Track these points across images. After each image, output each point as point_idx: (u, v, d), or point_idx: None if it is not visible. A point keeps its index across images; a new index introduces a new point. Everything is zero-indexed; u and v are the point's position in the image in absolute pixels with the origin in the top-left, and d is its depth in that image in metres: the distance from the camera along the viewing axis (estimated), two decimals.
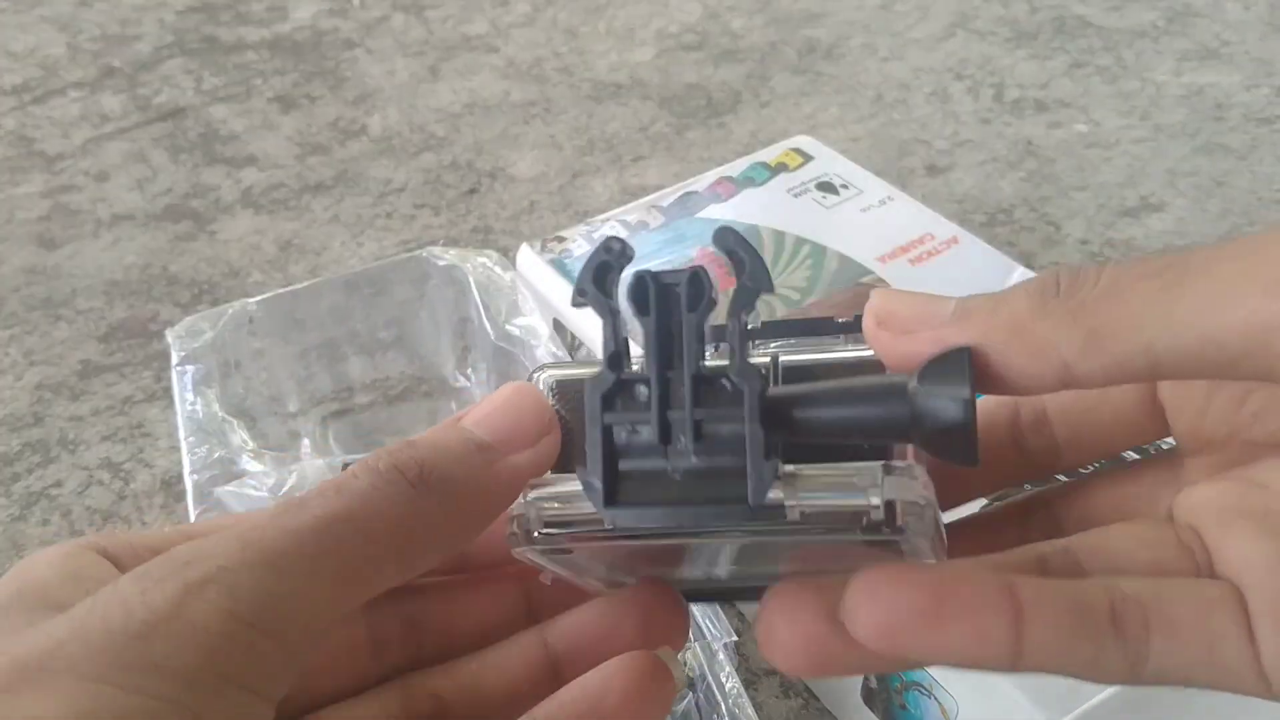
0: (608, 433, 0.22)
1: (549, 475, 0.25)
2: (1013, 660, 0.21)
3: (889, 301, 0.23)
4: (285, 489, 0.44)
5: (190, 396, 0.49)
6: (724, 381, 0.21)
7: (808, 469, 0.22)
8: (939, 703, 0.41)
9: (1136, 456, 0.28)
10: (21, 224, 0.81)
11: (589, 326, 0.56)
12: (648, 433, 0.21)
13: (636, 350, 0.22)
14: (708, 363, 0.21)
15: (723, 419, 0.21)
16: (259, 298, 0.55)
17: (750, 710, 0.39)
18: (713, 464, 0.21)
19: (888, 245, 0.58)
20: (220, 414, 0.49)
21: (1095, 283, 0.21)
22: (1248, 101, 0.88)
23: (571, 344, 0.57)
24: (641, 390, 0.22)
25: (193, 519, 0.45)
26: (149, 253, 0.77)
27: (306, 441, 0.58)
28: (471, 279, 0.56)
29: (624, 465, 0.22)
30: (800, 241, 0.58)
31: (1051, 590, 0.21)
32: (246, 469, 0.47)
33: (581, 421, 0.24)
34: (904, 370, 0.22)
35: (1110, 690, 0.38)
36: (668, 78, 0.95)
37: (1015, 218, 0.77)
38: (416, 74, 0.96)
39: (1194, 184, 0.80)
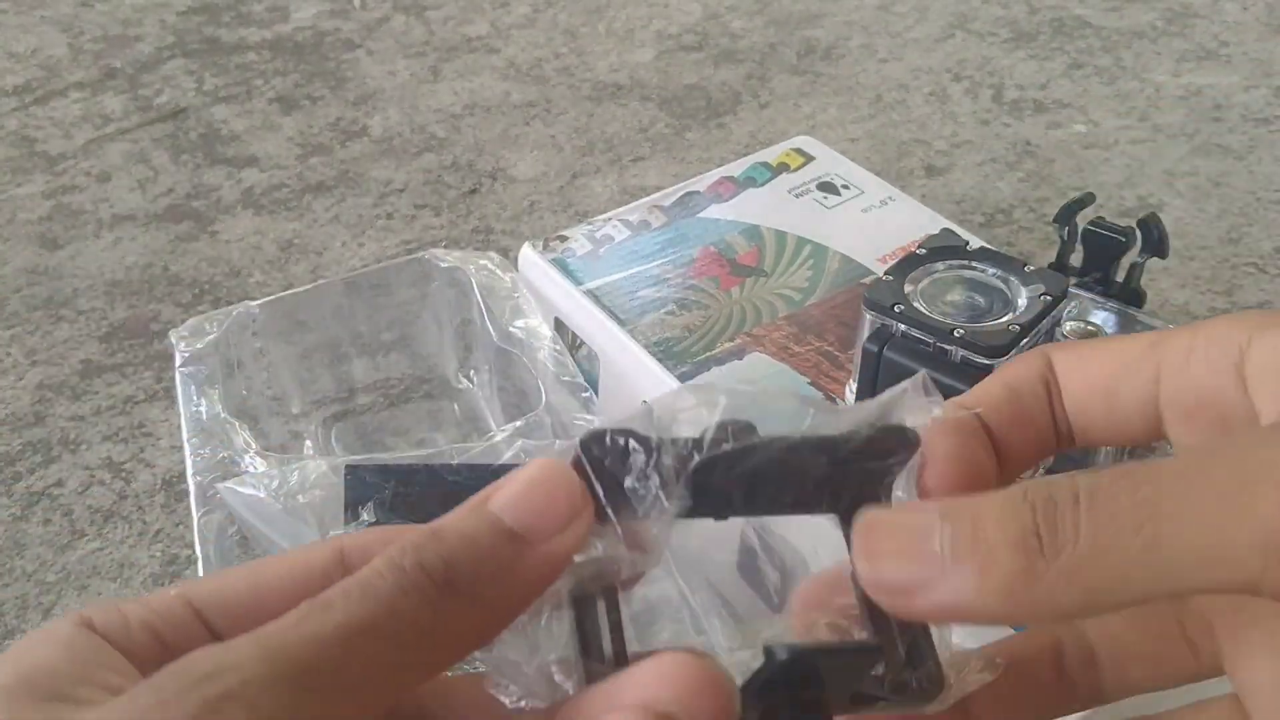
0: None
1: None
2: None
3: (876, 556, 0.22)
4: (287, 489, 0.45)
5: (194, 397, 0.49)
6: None
7: None
8: None
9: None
10: (23, 224, 0.81)
11: (589, 325, 0.56)
12: None
13: None
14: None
15: None
16: (262, 300, 0.56)
17: None
18: None
19: (888, 246, 0.58)
20: (223, 415, 0.49)
21: (1076, 539, 0.21)
22: (1246, 102, 0.88)
23: (572, 344, 0.57)
24: None
25: (195, 520, 0.46)
26: (150, 253, 0.78)
27: (309, 442, 0.58)
28: (474, 281, 0.56)
29: None
30: (801, 242, 0.58)
31: None
32: (249, 470, 0.47)
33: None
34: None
35: None
36: (667, 78, 0.95)
37: (1014, 218, 0.77)
38: (417, 75, 0.97)
39: (1192, 184, 0.80)
